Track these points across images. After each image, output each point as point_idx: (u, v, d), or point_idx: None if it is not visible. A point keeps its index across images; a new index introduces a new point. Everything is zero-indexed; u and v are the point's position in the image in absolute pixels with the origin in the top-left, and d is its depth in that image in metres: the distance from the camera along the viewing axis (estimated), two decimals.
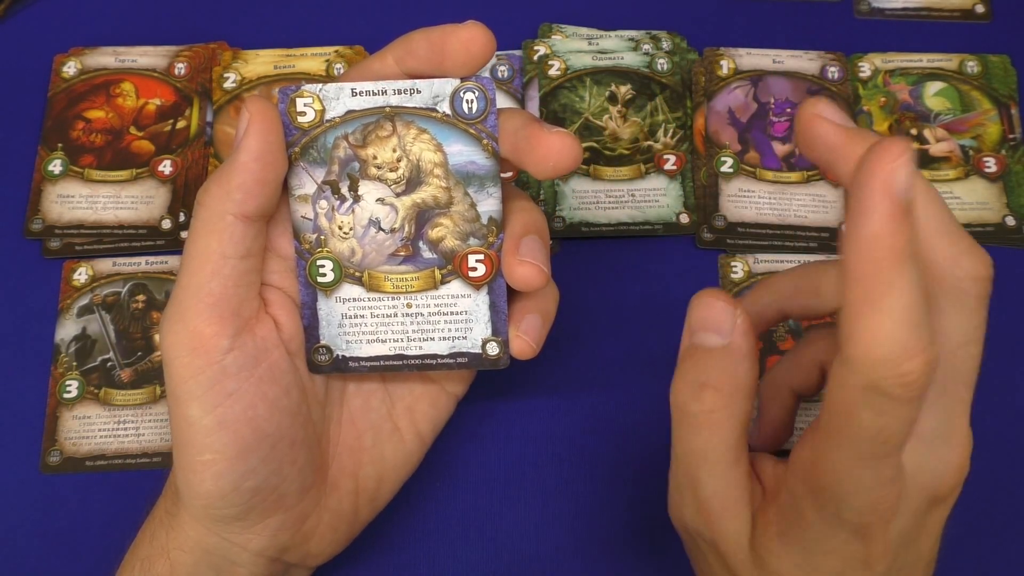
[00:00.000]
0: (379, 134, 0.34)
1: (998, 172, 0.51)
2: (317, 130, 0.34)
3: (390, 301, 0.36)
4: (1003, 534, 0.45)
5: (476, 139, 0.34)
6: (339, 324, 0.36)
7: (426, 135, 0.34)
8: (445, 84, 0.34)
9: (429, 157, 0.34)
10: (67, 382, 0.47)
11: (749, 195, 0.50)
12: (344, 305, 0.36)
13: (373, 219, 0.35)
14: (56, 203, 0.50)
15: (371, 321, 0.36)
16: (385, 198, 0.35)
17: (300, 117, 0.34)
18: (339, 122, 0.34)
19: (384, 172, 0.35)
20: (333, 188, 0.35)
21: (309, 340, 0.36)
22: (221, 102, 0.52)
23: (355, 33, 0.55)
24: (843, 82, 0.53)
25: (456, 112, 0.34)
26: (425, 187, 0.35)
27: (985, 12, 0.56)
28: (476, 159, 0.34)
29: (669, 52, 0.54)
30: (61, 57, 0.53)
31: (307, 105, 0.34)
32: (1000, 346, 0.48)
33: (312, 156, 0.34)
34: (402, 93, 0.34)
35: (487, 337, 0.36)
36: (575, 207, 0.50)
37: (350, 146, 0.34)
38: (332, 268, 0.35)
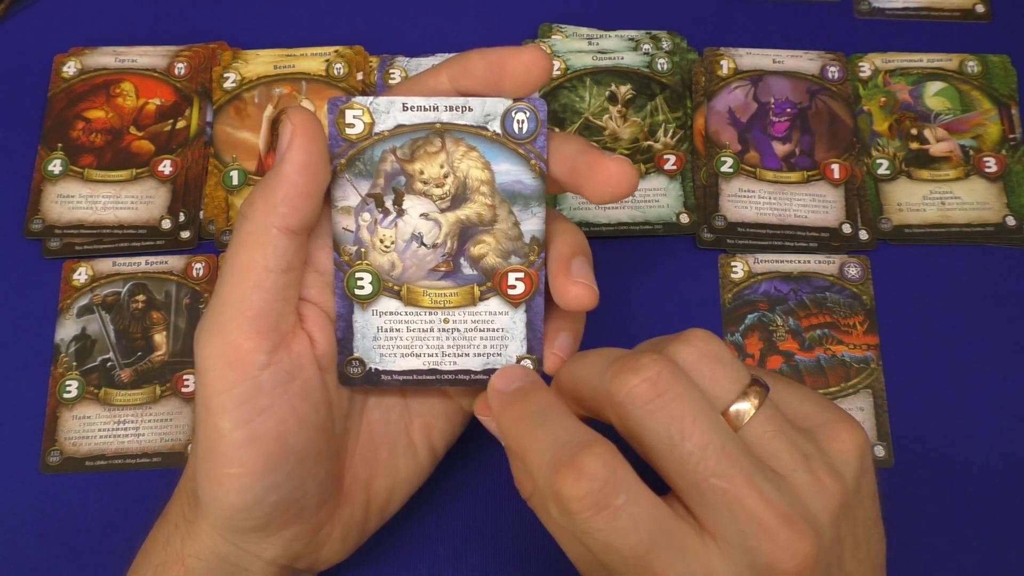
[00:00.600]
0: (428, 149, 0.34)
1: (998, 172, 0.51)
2: (365, 143, 0.34)
3: (427, 316, 0.36)
4: (1003, 534, 0.45)
5: (524, 159, 0.34)
6: (374, 337, 0.36)
7: (475, 153, 0.34)
8: (497, 103, 0.34)
9: (476, 175, 0.34)
10: (67, 382, 0.47)
11: (749, 195, 0.50)
12: (380, 318, 0.36)
13: (416, 234, 0.35)
14: (56, 203, 0.50)
15: (407, 335, 0.36)
16: (429, 213, 0.35)
17: (348, 129, 0.34)
18: (388, 135, 0.34)
19: (430, 187, 0.34)
20: (377, 201, 0.35)
21: (342, 352, 0.36)
22: (221, 102, 0.52)
23: (355, 33, 0.55)
24: (843, 82, 0.53)
25: (507, 131, 0.34)
26: (470, 204, 0.35)
27: (985, 12, 0.56)
28: (523, 179, 0.34)
29: (669, 52, 0.54)
30: (61, 57, 0.53)
31: (356, 117, 0.34)
32: (1000, 346, 0.48)
33: (358, 168, 0.34)
34: (454, 110, 0.34)
35: (522, 355, 0.36)
36: (575, 207, 0.50)
37: (397, 160, 0.34)
38: (371, 281, 0.35)
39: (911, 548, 0.44)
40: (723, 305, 0.49)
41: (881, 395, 0.47)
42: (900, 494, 0.45)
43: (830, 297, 0.49)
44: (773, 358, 0.47)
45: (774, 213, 0.50)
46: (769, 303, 0.48)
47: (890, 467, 0.46)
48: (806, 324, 0.48)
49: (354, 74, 0.53)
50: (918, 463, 0.46)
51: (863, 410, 0.47)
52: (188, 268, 0.49)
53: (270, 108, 0.52)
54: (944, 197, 0.51)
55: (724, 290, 0.49)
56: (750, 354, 0.47)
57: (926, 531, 0.45)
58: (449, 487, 0.45)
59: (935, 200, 0.50)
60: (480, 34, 0.55)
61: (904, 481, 0.45)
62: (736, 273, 0.49)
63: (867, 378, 0.47)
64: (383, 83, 0.53)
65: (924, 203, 0.50)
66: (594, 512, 0.28)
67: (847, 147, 0.52)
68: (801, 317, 0.48)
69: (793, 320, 0.48)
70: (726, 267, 0.49)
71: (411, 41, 0.54)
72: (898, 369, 0.47)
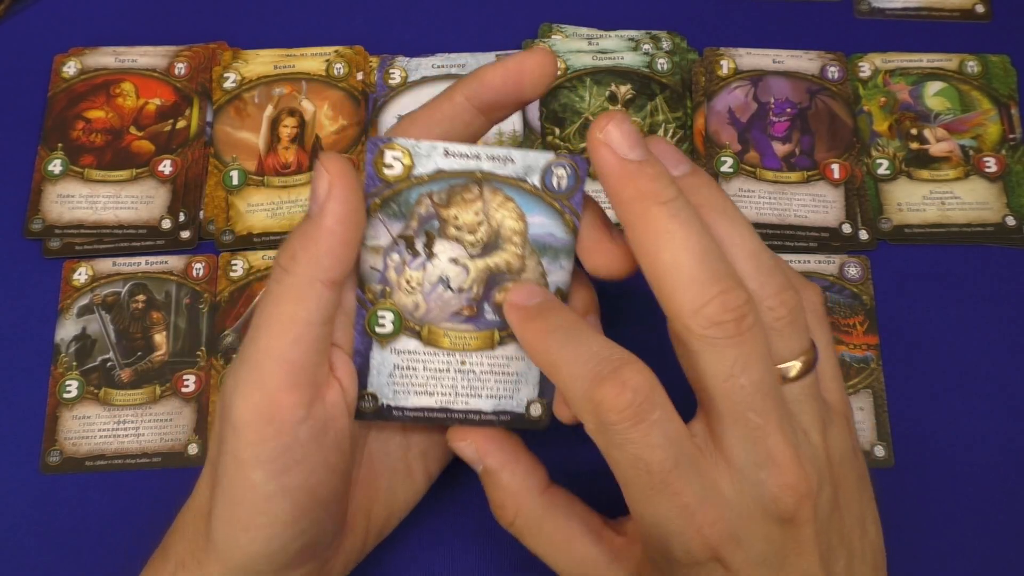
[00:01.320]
0: (465, 196, 0.34)
1: (998, 172, 0.51)
2: (402, 184, 0.34)
3: (445, 356, 0.36)
4: (1004, 534, 0.45)
5: (560, 213, 0.34)
6: (389, 374, 0.36)
7: (511, 204, 0.34)
8: (539, 157, 0.34)
9: (511, 225, 0.34)
10: (67, 382, 0.47)
11: (749, 195, 0.50)
12: (398, 356, 0.36)
13: (443, 277, 0.35)
14: (56, 203, 0.50)
15: (423, 374, 0.36)
16: (459, 258, 0.35)
17: (387, 169, 0.34)
18: (427, 180, 0.34)
19: (463, 233, 0.35)
20: (408, 243, 0.34)
21: (357, 387, 0.36)
22: (221, 102, 0.52)
23: (355, 33, 0.55)
24: (843, 82, 0.53)
25: (545, 186, 0.34)
26: (500, 252, 0.35)
27: (985, 12, 0.56)
28: (556, 232, 0.34)
29: (669, 52, 0.54)
30: (61, 57, 0.53)
31: (396, 159, 0.33)
32: (1000, 346, 0.48)
33: (392, 210, 0.34)
34: (495, 160, 0.34)
35: (533, 399, 0.37)
36: None
37: (433, 205, 0.34)
38: (392, 320, 0.35)
39: (911, 548, 0.44)
40: None
41: (881, 395, 0.47)
42: (900, 494, 0.45)
43: (830, 297, 0.49)
44: None
45: (774, 213, 0.50)
46: None
47: (890, 467, 0.46)
48: None
49: (354, 74, 0.53)
50: (918, 463, 0.46)
51: (863, 410, 0.47)
52: (188, 268, 0.49)
53: (270, 108, 0.52)
54: (944, 197, 0.51)
55: None
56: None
57: (926, 531, 0.45)
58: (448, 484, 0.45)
59: (935, 200, 0.51)
60: (480, 34, 0.55)
61: (904, 481, 0.46)
62: None
63: (867, 378, 0.47)
64: (383, 83, 0.53)
65: (924, 203, 0.51)
66: (632, 424, 0.29)
67: (847, 147, 0.52)
68: None
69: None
70: None
71: (411, 41, 0.54)
72: (898, 369, 0.47)
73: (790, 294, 0.32)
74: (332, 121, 0.52)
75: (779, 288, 0.32)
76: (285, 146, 0.51)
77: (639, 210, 0.31)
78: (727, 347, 0.30)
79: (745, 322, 0.30)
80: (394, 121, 0.52)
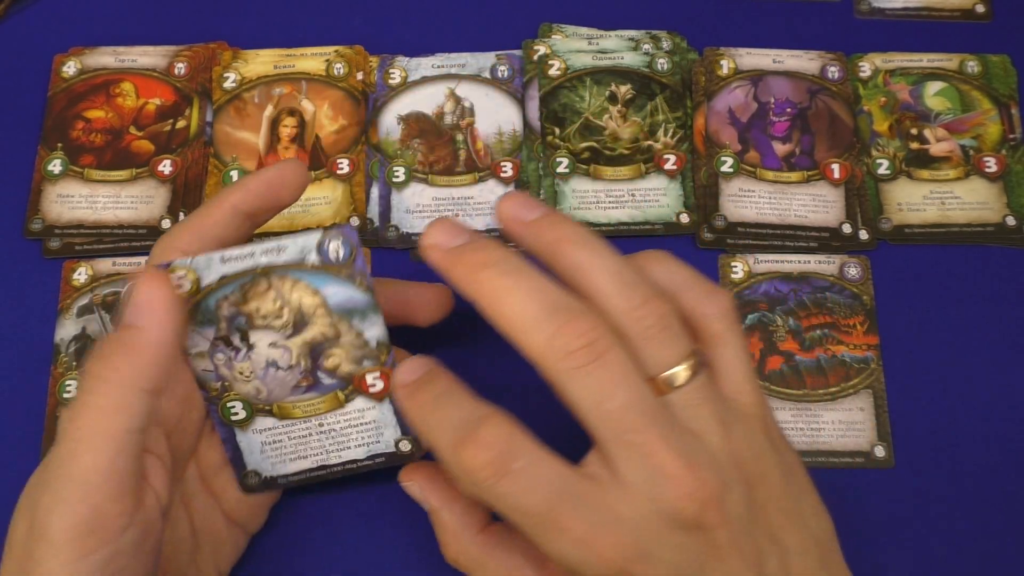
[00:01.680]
0: (257, 290, 0.36)
1: (998, 172, 0.51)
2: (197, 297, 0.36)
3: (303, 424, 0.39)
4: (1004, 534, 0.45)
5: (349, 279, 0.36)
6: (260, 451, 0.39)
7: (301, 283, 0.36)
8: (309, 237, 0.36)
9: (308, 301, 0.37)
10: (67, 382, 0.47)
11: (749, 195, 0.50)
12: (261, 435, 0.39)
13: (270, 361, 0.37)
14: (56, 203, 0.50)
15: (289, 443, 0.39)
16: (277, 342, 0.37)
17: (178, 289, 0.35)
18: (217, 287, 0.36)
19: (270, 320, 0.37)
20: (226, 342, 0.37)
21: (237, 468, 0.39)
22: (221, 102, 0.52)
23: (355, 33, 0.55)
24: (843, 82, 0.53)
25: (324, 260, 0.36)
26: (312, 327, 0.37)
27: (985, 12, 0.56)
28: (353, 295, 0.36)
29: (669, 52, 0.54)
30: (61, 57, 0.53)
31: (181, 278, 0.35)
32: (1000, 346, 0.48)
33: (199, 319, 0.36)
34: (270, 252, 0.36)
35: (398, 437, 0.40)
36: (575, 207, 0.50)
37: (232, 305, 0.36)
38: (243, 407, 0.38)
39: (911, 548, 0.44)
40: None
41: (881, 395, 0.47)
42: (900, 494, 0.45)
43: (830, 297, 0.49)
44: (773, 358, 0.47)
45: (774, 213, 0.50)
46: (769, 303, 0.48)
47: (890, 467, 0.46)
48: (806, 324, 0.48)
49: (354, 74, 0.53)
50: (918, 463, 0.46)
51: (863, 410, 0.47)
52: None
53: (270, 108, 0.52)
54: (944, 197, 0.51)
55: None
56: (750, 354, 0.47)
57: (926, 531, 0.45)
58: None
59: (935, 200, 0.51)
60: (480, 34, 0.55)
61: (904, 481, 0.45)
62: (736, 273, 0.49)
63: (867, 378, 0.47)
64: (383, 83, 0.53)
65: (924, 203, 0.50)
66: (497, 478, 0.30)
67: (847, 147, 0.52)
68: (801, 317, 0.48)
69: (793, 320, 0.48)
70: (726, 267, 0.49)
71: (411, 41, 0.54)
72: (898, 369, 0.47)
73: (657, 303, 0.32)
74: (332, 121, 0.52)
75: (644, 299, 0.32)
76: (285, 146, 0.51)
77: (473, 280, 0.32)
78: (586, 375, 0.31)
79: (597, 346, 0.31)
80: (394, 121, 0.52)
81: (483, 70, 0.53)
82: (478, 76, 0.53)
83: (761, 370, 0.47)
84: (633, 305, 0.32)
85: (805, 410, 0.47)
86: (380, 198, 0.50)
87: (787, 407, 0.47)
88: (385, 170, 0.51)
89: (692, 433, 0.32)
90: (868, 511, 0.45)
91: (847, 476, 0.46)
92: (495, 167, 0.51)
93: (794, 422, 0.46)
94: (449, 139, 0.52)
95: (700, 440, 0.32)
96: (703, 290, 0.34)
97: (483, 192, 0.51)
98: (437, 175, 0.51)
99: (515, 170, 0.51)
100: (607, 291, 0.32)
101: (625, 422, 0.30)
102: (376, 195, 0.51)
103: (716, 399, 0.33)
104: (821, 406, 0.47)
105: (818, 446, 0.46)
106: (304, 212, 0.50)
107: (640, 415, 0.31)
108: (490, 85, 0.53)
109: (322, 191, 0.50)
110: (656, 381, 0.32)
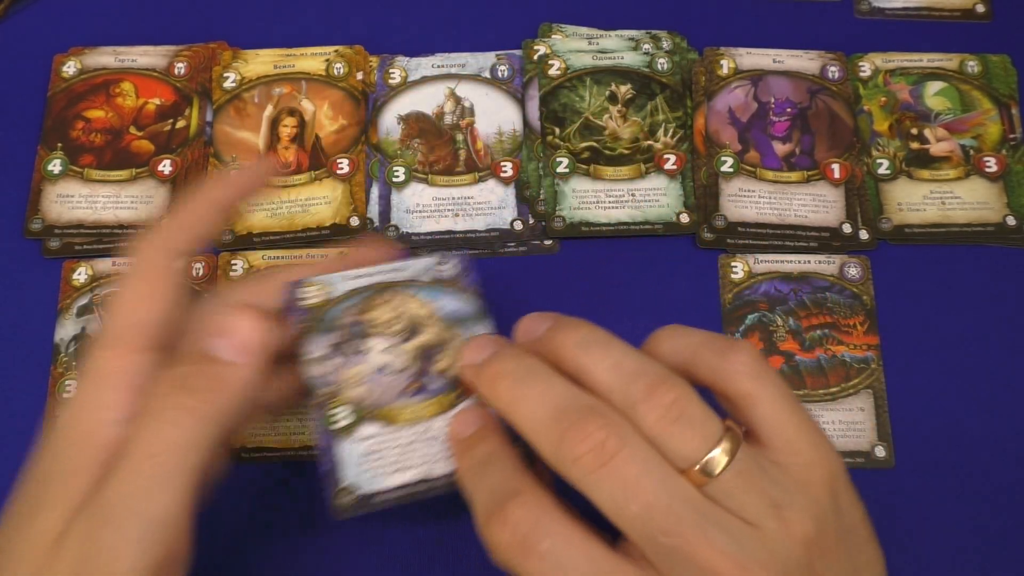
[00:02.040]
0: (376, 302, 0.39)
1: (998, 172, 0.51)
2: (325, 307, 0.39)
3: (408, 430, 0.38)
4: (1004, 534, 0.45)
5: (459, 291, 0.39)
6: (359, 463, 0.37)
7: (417, 297, 0.39)
8: (427, 261, 0.40)
9: (421, 312, 0.39)
10: (66, 382, 0.47)
11: (749, 195, 0.50)
12: (363, 444, 0.38)
13: (381, 365, 0.39)
14: (56, 203, 0.50)
15: (391, 453, 0.38)
16: (389, 347, 0.39)
17: (309, 300, 0.39)
18: (343, 298, 0.39)
19: (385, 328, 0.39)
20: (342, 348, 0.39)
21: (330, 485, 0.37)
22: (221, 102, 0.52)
23: (355, 33, 0.55)
24: (843, 82, 0.53)
25: (439, 276, 0.40)
26: (423, 334, 0.39)
27: (985, 12, 0.55)
28: (462, 306, 0.39)
29: (669, 52, 0.54)
30: (61, 57, 0.53)
31: (313, 293, 0.39)
32: (1001, 346, 0.48)
33: (323, 327, 0.38)
34: (392, 272, 0.40)
35: None
36: (575, 207, 0.50)
37: (354, 314, 0.39)
38: (347, 413, 0.38)
39: (911, 548, 0.44)
40: (723, 305, 0.49)
41: (881, 395, 0.47)
42: (900, 494, 0.45)
43: (830, 297, 0.49)
44: (773, 358, 0.47)
45: (774, 213, 0.50)
46: (769, 303, 0.48)
47: (891, 467, 0.46)
48: (806, 324, 0.48)
49: (354, 74, 0.53)
50: (918, 463, 0.46)
51: (863, 410, 0.47)
52: (188, 268, 0.49)
53: (270, 108, 0.52)
54: (944, 197, 0.51)
55: (724, 290, 0.49)
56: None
57: (927, 531, 0.45)
58: None
59: (935, 200, 0.50)
60: (480, 34, 0.55)
61: (904, 481, 0.45)
62: (736, 273, 0.49)
63: (867, 378, 0.47)
64: (383, 83, 0.53)
65: (924, 203, 0.50)
66: (522, 558, 0.29)
67: (847, 147, 0.52)
68: (801, 317, 0.48)
69: (793, 320, 0.48)
70: (726, 267, 0.49)
71: (411, 41, 0.54)
72: (898, 369, 0.47)
73: (663, 389, 0.30)
74: (332, 121, 0.52)
75: (648, 389, 0.30)
76: (285, 146, 0.51)
77: (492, 391, 0.33)
78: (601, 480, 0.29)
79: (606, 448, 0.29)
80: (394, 120, 0.52)
81: (483, 70, 0.53)
82: (478, 76, 0.53)
83: None
84: (637, 399, 0.30)
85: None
86: (380, 198, 0.50)
87: None
88: (385, 170, 0.51)
89: (742, 523, 0.29)
90: (868, 511, 0.45)
91: None
92: (495, 167, 0.51)
93: None
94: (449, 139, 0.52)
95: (752, 530, 0.29)
96: (718, 349, 0.32)
97: (483, 192, 0.51)
98: (437, 175, 0.51)
99: (515, 170, 0.51)
100: (609, 387, 0.31)
101: (654, 524, 0.28)
102: (376, 195, 0.51)
103: (764, 475, 0.30)
104: (821, 406, 0.47)
105: None
106: (304, 212, 0.50)
107: (669, 515, 0.28)
108: (490, 85, 0.53)
109: (322, 191, 0.50)
110: (690, 474, 0.29)
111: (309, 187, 0.50)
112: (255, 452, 0.46)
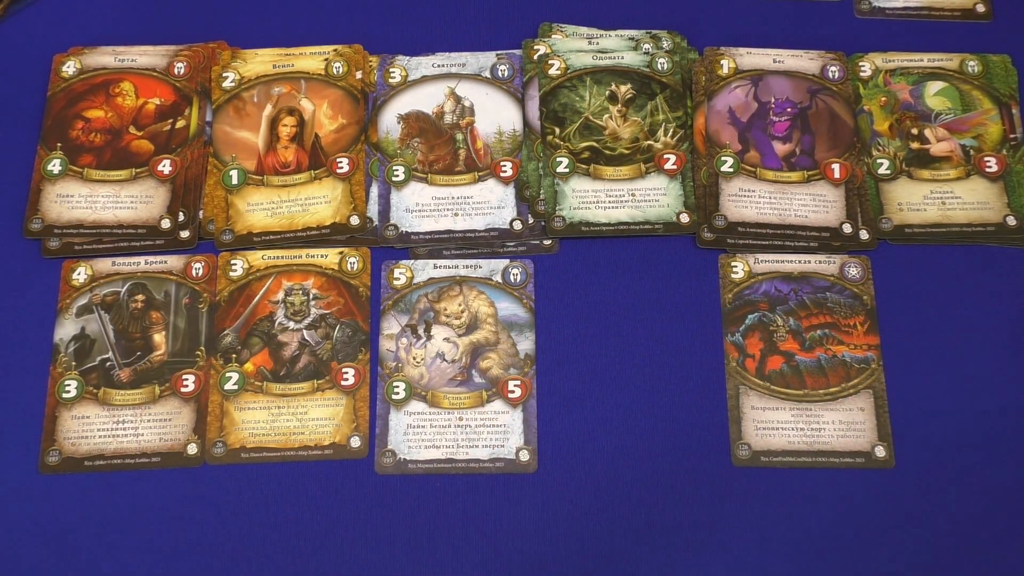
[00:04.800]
0: (450, 293, 0.47)
1: (999, 172, 0.51)
2: (406, 290, 0.47)
3: (446, 415, 0.46)
4: (1004, 534, 0.45)
5: (519, 299, 0.47)
6: (404, 432, 0.45)
7: (484, 296, 0.47)
8: (498, 263, 0.48)
9: (485, 310, 0.47)
10: (66, 382, 0.47)
11: (749, 195, 0.50)
12: (410, 417, 0.46)
13: (440, 352, 0.46)
14: (55, 203, 0.50)
15: (430, 430, 0.45)
16: (450, 337, 0.46)
17: (395, 281, 0.47)
18: (423, 285, 0.47)
19: (451, 319, 0.47)
20: (412, 329, 0.46)
21: (379, 445, 0.45)
22: (220, 101, 0.52)
23: (355, 33, 0.54)
24: (843, 81, 0.53)
25: (505, 281, 0.47)
26: (480, 331, 0.47)
27: (986, 12, 0.55)
28: (518, 312, 0.47)
29: (669, 51, 0.54)
30: (61, 57, 0.53)
31: (402, 273, 0.48)
32: (1000, 346, 0.48)
33: (400, 307, 0.47)
34: (468, 267, 0.48)
35: (520, 446, 0.46)
36: (575, 207, 0.50)
37: (428, 301, 0.46)
38: (404, 389, 0.46)
39: (911, 548, 0.44)
40: (723, 305, 0.49)
41: (882, 395, 0.47)
42: (900, 494, 0.45)
43: (831, 297, 0.48)
44: (773, 358, 0.47)
45: (774, 213, 0.50)
46: (769, 303, 0.48)
47: (891, 467, 0.46)
48: (807, 324, 0.48)
49: (353, 73, 0.53)
50: (918, 463, 0.46)
51: (864, 410, 0.47)
52: (187, 268, 0.49)
53: (269, 107, 0.52)
54: (945, 197, 0.50)
55: (724, 290, 0.49)
56: (750, 354, 0.47)
57: (927, 531, 0.45)
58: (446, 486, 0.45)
59: (936, 200, 0.50)
60: (480, 33, 0.55)
61: (904, 481, 0.45)
62: (736, 273, 0.49)
63: (868, 378, 0.47)
64: (383, 82, 0.53)
65: (925, 203, 0.50)
66: None
67: (848, 147, 0.51)
68: (802, 317, 0.48)
69: (794, 320, 0.48)
70: (726, 267, 0.49)
71: (411, 41, 0.54)
72: (899, 369, 0.47)
73: None
74: (331, 120, 0.52)
75: None
76: (284, 145, 0.51)
77: None
78: None
79: None
80: (394, 120, 0.52)
81: (483, 69, 0.53)
82: (478, 75, 0.53)
83: (761, 370, 0.47)
84: None
85: (806, 410, 0.46)
86: (380, 197, 0.50)
87: (787, 407, 0.47)
88: (385, 169, 0.51)
89: None
90: (868, 511, 0.45)
91: (847, 476, 0.45)
92: (495, 166, 0.51)
93: (794, 422, 0.46)
94: (449, 138, 0.52)
95: None
96: None
97: (483, 191, 0.51)
98: (437, 174, 0.51)
99: (515, 169, 0.51)
100: None
101: None
102: (376, 194, 0.51)
103: None
104: (821, 406, 0.47)
105: (819, 446, 0.46)
106: (303, 211, 0.50)
107: None
108: (490, 84, 0.53)
109: (322, 190, 0.50)
110: None
111: (309, 186, 0.50)
112: (255, 452, 0.46)
